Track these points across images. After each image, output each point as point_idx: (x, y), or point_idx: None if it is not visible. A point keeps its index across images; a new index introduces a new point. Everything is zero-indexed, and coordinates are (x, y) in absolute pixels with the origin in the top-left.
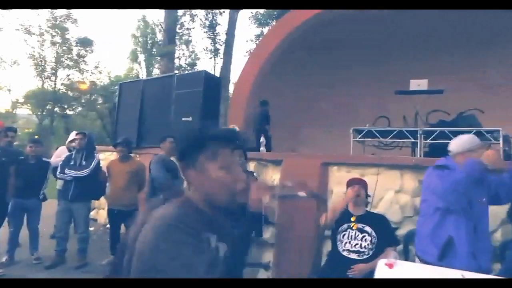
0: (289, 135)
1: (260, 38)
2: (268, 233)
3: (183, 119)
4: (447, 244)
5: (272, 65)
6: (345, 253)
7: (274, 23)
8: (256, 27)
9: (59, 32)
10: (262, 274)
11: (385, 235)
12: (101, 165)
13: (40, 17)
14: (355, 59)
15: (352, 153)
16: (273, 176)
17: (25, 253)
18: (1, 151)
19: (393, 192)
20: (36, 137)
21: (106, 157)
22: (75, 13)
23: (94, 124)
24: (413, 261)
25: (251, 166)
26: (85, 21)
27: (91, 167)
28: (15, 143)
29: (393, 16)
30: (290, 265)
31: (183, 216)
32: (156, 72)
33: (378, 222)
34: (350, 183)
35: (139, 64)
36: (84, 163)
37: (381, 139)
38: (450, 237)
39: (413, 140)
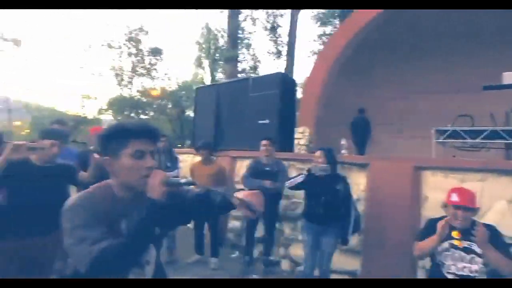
0: None
1: (323, 37)
2: (353, 240)
3: (259, 121)
4: None
5: (341, 65)
6: (450, 277)
7: (337, 22)
8: (318, 26)
9: (134, 44)
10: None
11: (497, 250)
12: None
13: (118, 32)
14: (426, 56)
15: (434, 155)
16: (358, 180)
17: None
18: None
19: (506, 202)
20: None
21: (183, 159)
22: (147, 25)
23: (165, 127)
24: None
25: None
26: (155, 31)
27: (178, 168)
28: None
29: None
30: (381, 274)
31: (90, 198)
32: (220, 76)
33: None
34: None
35: (204, 69)
36: (169, 164)
37: (468, 140)
38: None
39: (509, 141)
